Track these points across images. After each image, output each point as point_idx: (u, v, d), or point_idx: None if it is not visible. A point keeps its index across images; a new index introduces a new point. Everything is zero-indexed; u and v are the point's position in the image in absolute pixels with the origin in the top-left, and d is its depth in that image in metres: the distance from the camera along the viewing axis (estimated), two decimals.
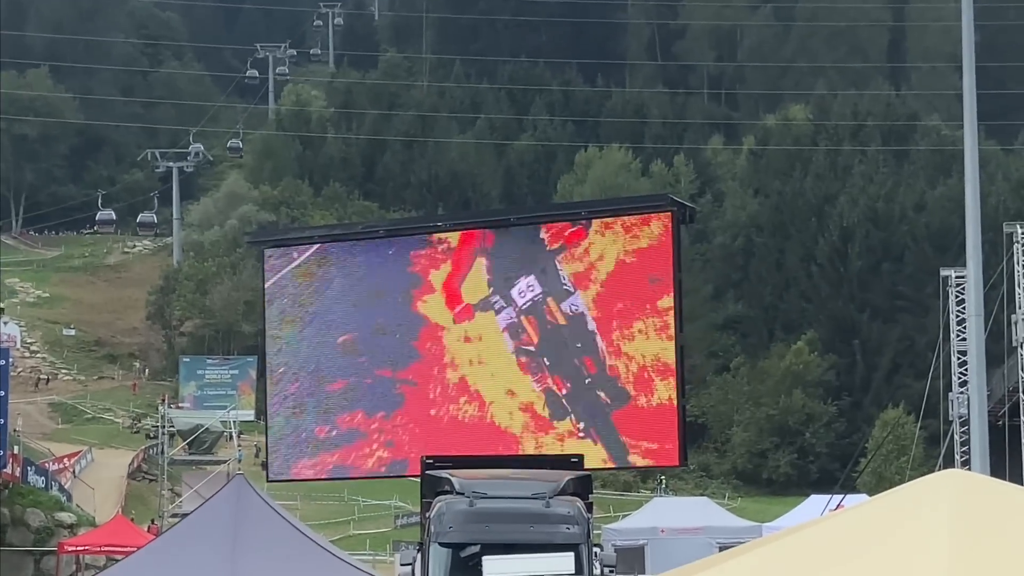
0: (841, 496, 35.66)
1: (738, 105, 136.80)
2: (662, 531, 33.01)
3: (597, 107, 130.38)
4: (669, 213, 32.79)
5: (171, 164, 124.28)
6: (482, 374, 33.33)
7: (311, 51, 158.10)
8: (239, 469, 34.62)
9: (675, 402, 31.31)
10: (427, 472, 22.02)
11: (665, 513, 35.99)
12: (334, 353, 35.17)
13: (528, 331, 33.19)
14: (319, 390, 35.35)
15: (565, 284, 32.97)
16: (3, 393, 41.78)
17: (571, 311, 32.73)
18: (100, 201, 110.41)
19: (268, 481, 37.12)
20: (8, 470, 42.65)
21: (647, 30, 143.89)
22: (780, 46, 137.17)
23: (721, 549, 25.84)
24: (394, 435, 34.35)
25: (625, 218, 32.97)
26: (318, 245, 36.21)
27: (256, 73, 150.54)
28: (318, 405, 35.31)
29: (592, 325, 32.40)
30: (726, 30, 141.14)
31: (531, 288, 33.34)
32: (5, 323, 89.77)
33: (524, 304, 33.36)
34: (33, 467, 48.43)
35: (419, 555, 21.02)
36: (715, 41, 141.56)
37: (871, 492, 31.35)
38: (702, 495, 64.69)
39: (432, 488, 21.19)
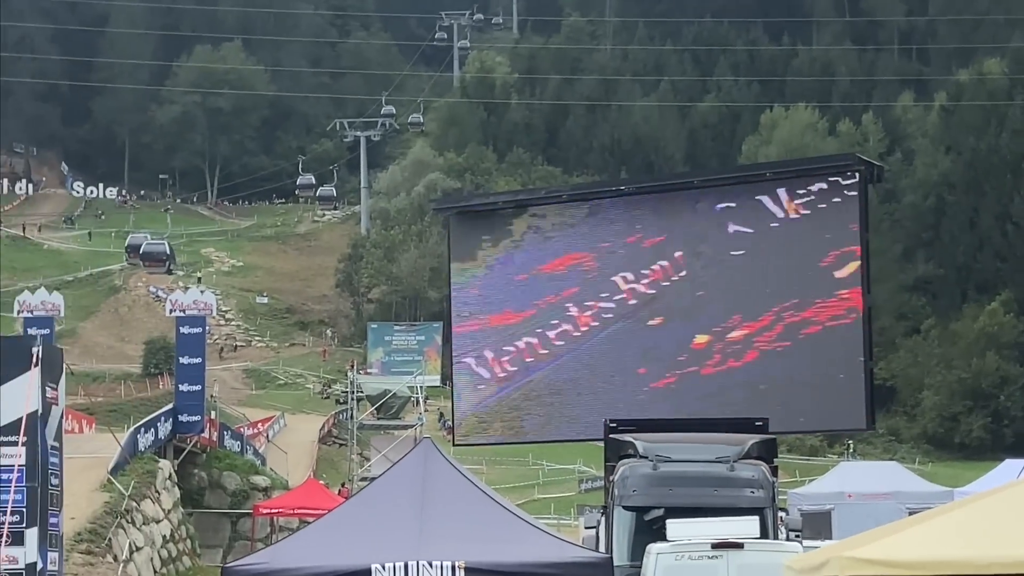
0: None
1: (929, 60, 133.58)
2: (849, 496, 32.49)
3: (783, 66, 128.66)
4: (856, 173, 32.27)
5: (359, 133, 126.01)
6: (667, 337, 33.25)
7: (492, 19, 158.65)
8: (426, 433, 35.12)
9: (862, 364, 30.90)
10: (610, 436, 22.04)
11: (852, 477, 35.34)
12: (523, 317, 35.34)
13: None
14: (504, 353, 35.55)
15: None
16: (200, 360, 42.76)
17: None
18: (300, 166, 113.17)
19: (454, 445, 37.51)
20: (206, 435, 43.77)
21: None
22: None
23: (911, 515, 25.45)
24: (581, 399, 34.44)
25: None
26: (506, 209, 36.36)
27: (445, 36, 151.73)
28: (503, 369, 35.54)
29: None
30: None
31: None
32: (202, 292, 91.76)
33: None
34: (229, 432, 49.60)
35: (603, 518, 21.09)
36: None
37: None
38: (891, 460, 63.55)
39: (615, 452, 21.20)
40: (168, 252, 76.51)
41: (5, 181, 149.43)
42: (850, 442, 70.30)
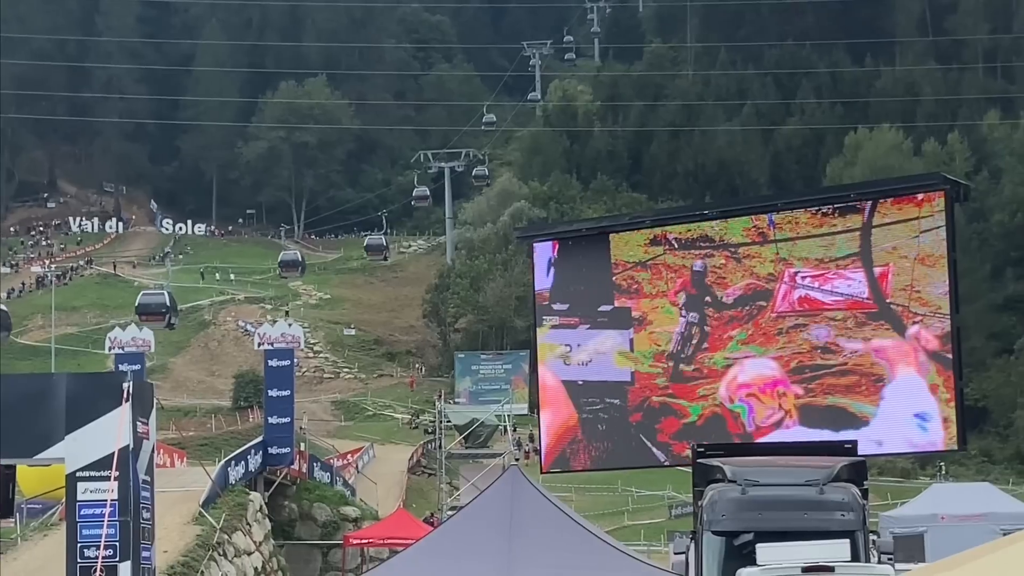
0: None
1: (1015, 78, 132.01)
2: (942, 518, 31.99)
3: (866, 87, 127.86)
4: (942, 192, 31.98)
5: (443, 164, 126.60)
6: (754, 362, 33.09)
7: (565, 56, 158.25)
8: (514, 461, 35.16)
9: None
10: (698, 461, 21.94)
11: (945, 499, 34.81)
12: (608, 344, 35.30)
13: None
14: (591, 382, 35.49)
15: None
16: (289, 392, 43.12)
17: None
18: (416, 179, 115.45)
19: (542, 473, 37.49)
20: (295, 467, 44.05)
21: (917, 5, 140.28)
22: None
23: (1005, 536, 25.01)
24: (670, 425, 34.33)
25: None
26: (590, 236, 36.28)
27: (538, 64, 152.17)
28: (590, 396, 35.49)
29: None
30: (1001, 0, 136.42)
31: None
32: (290, 325, 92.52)
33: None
34: (319, 463, 49.89)
35: (692, 544, 20.99)
36: (990, 13, 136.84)
37: None
38: (984, 481, 62.59)
39: (704, 477, 21.09)
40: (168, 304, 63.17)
41: (96, 220, 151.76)
42: (942, 464, 69.30)
